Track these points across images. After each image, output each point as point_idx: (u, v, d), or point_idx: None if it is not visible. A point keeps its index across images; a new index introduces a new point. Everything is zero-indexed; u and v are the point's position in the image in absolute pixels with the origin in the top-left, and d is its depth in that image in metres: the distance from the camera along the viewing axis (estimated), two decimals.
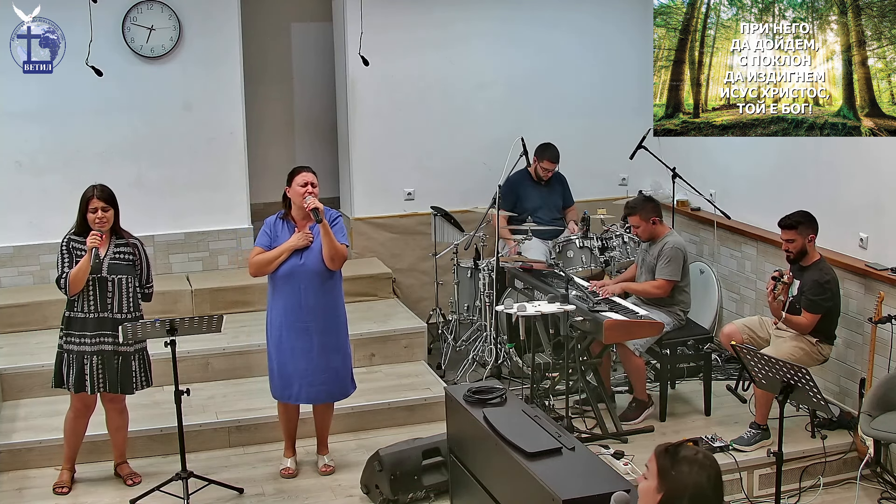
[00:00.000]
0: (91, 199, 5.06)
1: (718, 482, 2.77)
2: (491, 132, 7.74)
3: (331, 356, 5.32)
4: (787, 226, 5.64)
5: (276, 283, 5.28)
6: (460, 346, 7.11)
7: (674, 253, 6.03)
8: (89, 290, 5.08)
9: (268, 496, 5.33)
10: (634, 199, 6.38)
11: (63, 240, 5.11)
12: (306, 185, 5.17)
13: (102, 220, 5.07)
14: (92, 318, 5.10)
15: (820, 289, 5.56)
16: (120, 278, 5.13)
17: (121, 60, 7.07)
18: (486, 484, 4.37)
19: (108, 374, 5.15)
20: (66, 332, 5.14)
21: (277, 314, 5.30)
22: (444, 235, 7.35)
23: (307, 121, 8.80)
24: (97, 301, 5.10)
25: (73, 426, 5.30)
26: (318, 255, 5.20)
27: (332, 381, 5.35)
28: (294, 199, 5.23)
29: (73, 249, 5.07)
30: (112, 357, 5.15)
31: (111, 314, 5.12)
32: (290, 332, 5.26)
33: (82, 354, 5.12)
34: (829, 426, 5.79)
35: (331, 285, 5.30)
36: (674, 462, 2.75)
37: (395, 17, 7.62)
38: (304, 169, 5.27)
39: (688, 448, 2.79)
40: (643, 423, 6.00)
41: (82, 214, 5.09)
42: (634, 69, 7.98)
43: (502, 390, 4.61)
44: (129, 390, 5.25)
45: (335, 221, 5.26)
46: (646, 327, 5.65)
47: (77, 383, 5.13)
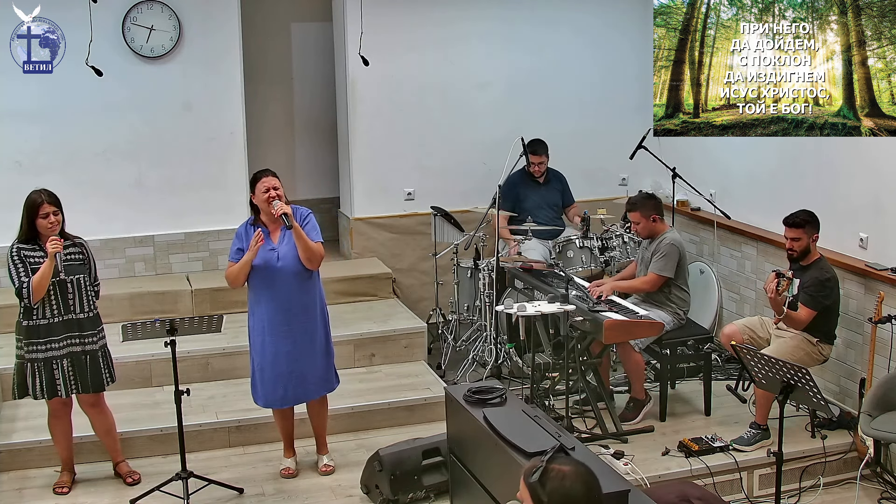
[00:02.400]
0: (42, 204, 5.01)
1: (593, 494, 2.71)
2: (491, 132, 7.74)
3: (315, 355, 5.31)
4: (793, 224, 5.64)
5: (256, 287, 5.25)
6: (460, 346, 7.11)
7: (669, 249, 6.02)
8: (50, 295, 5.04)
9: (268, 496, 5.33)
10: (636, 196, 6.37)
11: (11, 250, 5.03)
12: (268, 190, 5.12)
13: (55, 225, 5.04)
14: (57, 321, 5.07)
15: (821, 286, 5.56)
16: (77, 278, 5.12)
17: (121, 60, 7.07)
18: (486, 484, 4.37)
19: (79, 375, 5.14)
20: (27, 341, 5.07)
21: (259, 319, 5.27)
22: (444, 235, 7.35)
23: (307, 121, 8.80)
24: (59, 304, 5.07)
25: (58, 428, 5.30)
26: (295, 257, 5.17)
27: (316, 379, 5.34)
28: (261, 206, 5.19)
29: (24, 258, 5.01)
30: (81, 357, 5.15)
31: (75, 315, 5.11)
32: (273, 336, 5.23)
33: (50, 360, 5.09)
34: (829, 426, 5.79)
35: (310, 285, 5.28)
36: (541, 482, 2.71)
37: (395, 17, 7.62)
38: (264, 173, 5.20)
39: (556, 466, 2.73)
40: (643, 422, 6.00)
41: (30, 221, 5.03)
42: (634, 69, 7.98)
43: (502, 390, 4.61)
44: (100, 388, 5.24)
45: (306, 220, 5.22)
46: (646, 327, 5.65)
47: (49, 390, 5.10)
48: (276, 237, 5.23)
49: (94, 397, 5.25)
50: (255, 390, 5.37)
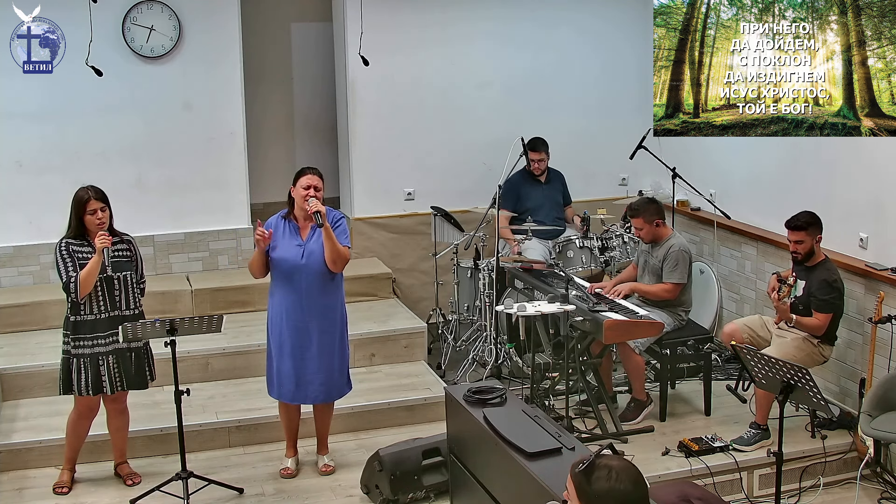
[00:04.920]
0: (89, 200, 5.04)
1: (642, 490, 2.68)
2: (491, 132, 7.73)
3: (329, 357, 5.32)
4: (796, 227, 5.63)
5: (278, 282, 5.28)
6: (460, 346, 7.11)
7: (680, 256, 6.03)
8: (97, 291, 5.07)
9: (268, 496, 5.33)
10: (637, 202, 6.34)
11: (59, 245, 5.06)
12: (309, 188, 5.16)
13: (103, 221, 5.07)
14: (103, 318, 5.10)
15: (829, 288, 5.56)
16: (124, 275, 5.15)
17: (121, 60, 7.07)
18: (486, 484, 4.37)
19: (124, 372, 5.18)
20: (74, 336, 5.10)
21: (277, 313, 5.30)
22: (444, 235, 7.35)
23: (307, 121, 8.80)
24: (106, 300, 5.11)
25: (76, 428, 5.30)
26: (320, 256, 5.20)
27: (329, 382, 5.35)
28: (297, 201, 5.24)
29: (73, 253, 5.04)
30: (126, 353, 5.18)
31: (120, 312, 5.14)
32: (290, 332, 5.26)
33: (97, 356, 5.11)
34: (829, 426, 5.79)
35: (332, 287, 5.30)
36: (589, 480, 2.67)
37: (395, 17, 7.62)
38: (310, 171, 5.25)
39: (603, 464, 2.69)
40: (643, 422, 6.00)
41: (79, 217, 5.07)
42: (634, 69, 7.98)
43: (502, 390, 4.61)
44: (144, 385, 5.29)
45: (338, 223, 5.26)
46: (646, 327, 5.65)
47: (94, 386, 5.12)
48: (304, 234, 5.26)
49: (120, 396, 5.27)
50: (270, 381, 5.40)
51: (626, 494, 2.65)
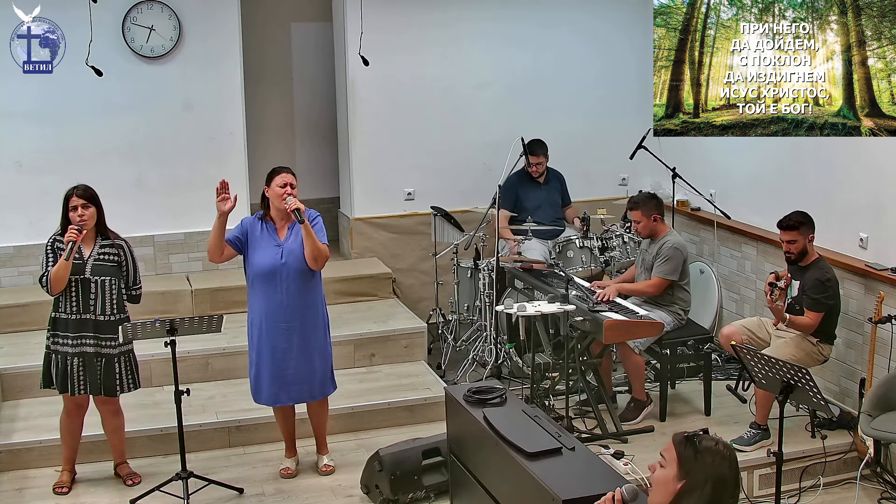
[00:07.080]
0: (70, 197, 5.06)
1: (738, 472, 2.84)
2: (491, 132, 7.73)
3: (310, 356, 5.30)
4: (788, 227, 5.63)
5: (256, 282, 5.25)
6: (460, 346, 7.11)
7: (672, 252, 6.03)
8: (72, 291, 5.06)
9: (268, 496, 5.33)
10: (638, 195, 6.37)
11: (48, 240, 5.11)
12: (285, 185, 5.15)
13: (83, 218, 5.05)
14: (73, 319, 5.08)
15: (822, 287, 5.56)
16: (103, 280, 5.11)
17: (121, 60, 7.07)
18: (486, 484, 4.37)
19: (89, 377, 5.14)
20: (52, 332, 5.13)
21: (258, 314, 5.27)
22: (444, 235, 7.35)
23: (307, 121, 8.80)
24: (79, 302, 5.08)
25: (68, 426, 5.30)
26: (300, 255, 5.18)
27: (311, 381, 5.33)
28: (273, 200, 5.22)
29: (56, 249, 5.06)
30: (93, 359, 5.13)
31: (93, 316, 5.10)
32: (271, 332, 5.23)
33: (66, 356, 5.11)
34: (829, 426, 5.79)
35: (312, 285, 5.28)
36: (696, 451, 2.81)
37: (395, 17, 7.62)
38: (284, 170, 5.24)
39: (709, 438, 2.85)
40: (643, 422, 6.00)
41: (64, 215, 5.09)
42: (634, 69, 7.98)
43: (502, 390, 4.61)
44: (112, 393, 5.21)
45: (315, 221, 5.24)
46: (646, 327, 5.65)
47: (61, 384, 5.13)
48: (282, 234, 5.25)
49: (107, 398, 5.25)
50: (252, 386, 5.38)
51: (728, 458, 2.82)
